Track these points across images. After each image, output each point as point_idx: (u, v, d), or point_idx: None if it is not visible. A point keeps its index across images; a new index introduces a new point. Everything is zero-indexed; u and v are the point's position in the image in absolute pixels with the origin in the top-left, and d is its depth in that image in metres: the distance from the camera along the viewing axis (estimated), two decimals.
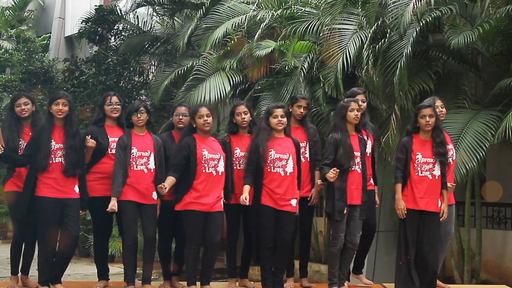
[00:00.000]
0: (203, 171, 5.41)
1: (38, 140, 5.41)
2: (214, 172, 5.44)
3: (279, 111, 5.53)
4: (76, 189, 5.44)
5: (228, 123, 5.96)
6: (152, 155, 5.55)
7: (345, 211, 5.49)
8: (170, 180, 5.40)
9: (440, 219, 5.53)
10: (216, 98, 9.45)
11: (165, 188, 5.31)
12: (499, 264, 9.07)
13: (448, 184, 5.62)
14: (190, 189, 5.40)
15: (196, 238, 5.43)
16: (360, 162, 5.59)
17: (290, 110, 5.85)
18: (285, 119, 5.54)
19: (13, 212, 5.69)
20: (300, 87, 8.44)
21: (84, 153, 5.59)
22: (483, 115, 7.43)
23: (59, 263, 5.53)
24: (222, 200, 5.52)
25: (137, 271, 5.72)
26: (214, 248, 5.51)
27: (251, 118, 5.79)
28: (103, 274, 5.93)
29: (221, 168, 5.48)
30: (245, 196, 5.35)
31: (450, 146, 5.86)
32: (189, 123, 5.62)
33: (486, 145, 7.11)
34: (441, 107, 5.87)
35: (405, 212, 5.44)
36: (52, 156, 5.37)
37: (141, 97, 12.13)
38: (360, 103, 5.82)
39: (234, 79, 9.64)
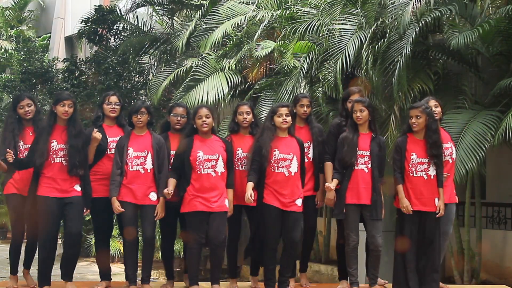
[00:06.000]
0: (199, 172, 5.38)
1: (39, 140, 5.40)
2: (213, 173, 5.40)
3: (283, 110, 5.50)
4: (77, 188, 5.38)
5: (230, 121, 5.96)
6: (150, 155, 5.50)
7: (344, 210, 5.51)
8: (172, 183, 5.42)
9: (437, 215, 5.52)
10: (215, 99, 9.45)
11: (170, 192, 5.34)
12: (499, 264, 9.07)
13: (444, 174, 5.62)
14: (188, 189, 5.38)
15: (197, 238, 5.39)
16: (370, 162, 5.57)
17: (294, 111, 5.84)
18: (289, 118, 5.51)
19: (14, 213, 5.63)
20: (300, 87, 8.44)
21: (87, 152, 5.50)
22: (483, 115, 7.43)
23: (64, 262, 5.51)
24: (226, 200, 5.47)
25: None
26: (218, 247, 5.44)
27: (253, 120, 5.78)
28: (105, 274, 5.90)
29: (220, 168, 5.43)
30: (249, 193, 5.28)
31: (450, 145, 5.82)
32: (191, 123, 5.61)
33: (486, 145, 7.10)
34: (435, 107, 5.79)
35: (411, 209, 5.44)
36: (54, 156, 5.33)
37: (140, 97, 12.13)
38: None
39: (232, 80, 9.64)
